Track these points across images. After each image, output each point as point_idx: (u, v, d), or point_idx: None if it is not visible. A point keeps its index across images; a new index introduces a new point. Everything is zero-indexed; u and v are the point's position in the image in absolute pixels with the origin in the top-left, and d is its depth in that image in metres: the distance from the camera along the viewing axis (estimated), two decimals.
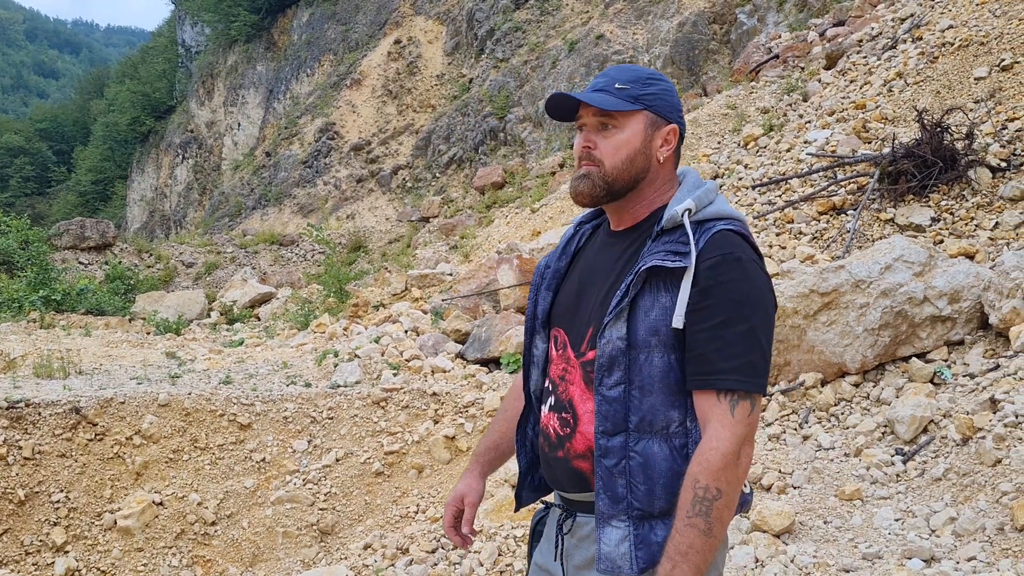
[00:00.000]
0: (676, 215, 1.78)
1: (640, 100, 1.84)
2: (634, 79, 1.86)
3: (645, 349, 1.75)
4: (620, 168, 1.85)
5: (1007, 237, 6.48)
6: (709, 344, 1.71)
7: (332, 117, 29.21)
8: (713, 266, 1.72)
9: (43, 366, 6.83)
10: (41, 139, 60.74)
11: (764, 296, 1.76)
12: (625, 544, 1.76)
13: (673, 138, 1.89)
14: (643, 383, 1.76)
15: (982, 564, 3.68)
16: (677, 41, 19.44)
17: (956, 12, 9.69)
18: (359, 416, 6.09)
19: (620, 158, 1.85)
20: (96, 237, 16.12)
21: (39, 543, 5.17)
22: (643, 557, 1.75)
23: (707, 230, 1.78)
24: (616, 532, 1.76)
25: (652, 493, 1.76)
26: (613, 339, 1.76)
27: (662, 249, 1.76)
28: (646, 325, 1.75)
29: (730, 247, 1.75)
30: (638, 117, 1.85)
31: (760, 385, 1.72)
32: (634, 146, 1.85)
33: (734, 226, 1.80)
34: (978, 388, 4.90)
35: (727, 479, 1.67)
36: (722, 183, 9.15)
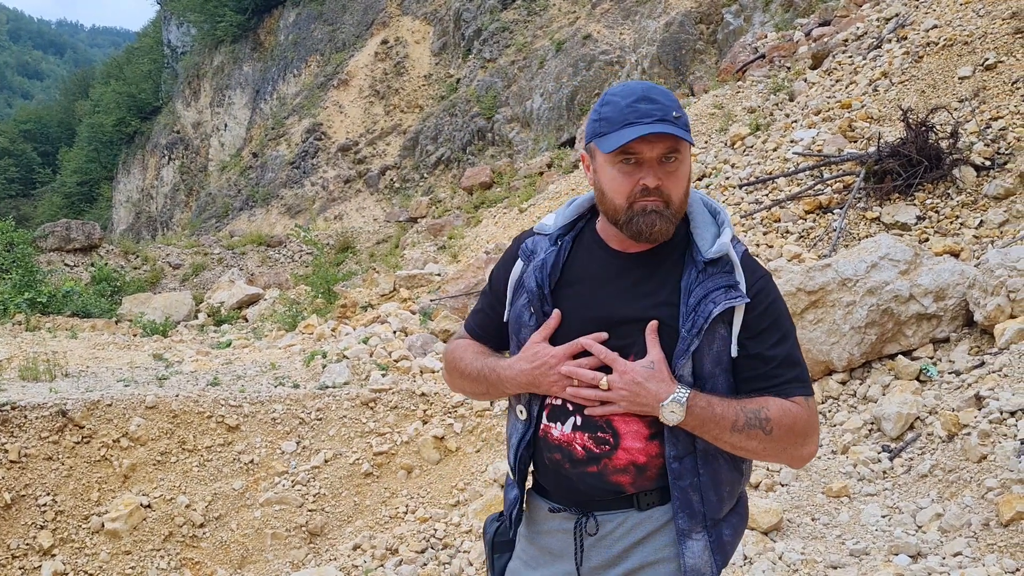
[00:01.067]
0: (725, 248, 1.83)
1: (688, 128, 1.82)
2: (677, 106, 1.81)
3: (711, 379, 1.84)
4: (683, 201, 1.85)
5: (991, 235, 6.53)
6: (774, 361, 1.84)
7: (319, 118, 29.14)
8: (760, 291, 1.85)
9: (29, 369, 6.79)
10: (25, 140, 60.29)
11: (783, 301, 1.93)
12: (707, 552, 1.88)
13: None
14: None
15: (968, 559, 3.71)
16: (664, 41, 19.48)
17: (940, 12, 9.75)
18: (348, 417, 6.08)
19: (683, 191, 1.84)
20: (82, 239, 16.03)
21: (26, 547, 5.14)
22: (719, 559, 1.89)
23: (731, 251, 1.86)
24: (697, 544, 1.87)
25: (722, 502, 1.90)
26: (685, 377, 1.82)
27: (719, 286, 1.81)
28: (711, 358, 1.83)
29: (760, 268, 1.89)
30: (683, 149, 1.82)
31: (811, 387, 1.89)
32: (688, 176, 1.85)
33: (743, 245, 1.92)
34: (963, 385, 4.94)
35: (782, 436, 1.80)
36: (709, 182, 9.18)
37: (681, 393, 1.77)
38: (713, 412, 1.78)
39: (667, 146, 1.78)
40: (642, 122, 1.76)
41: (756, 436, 1.79)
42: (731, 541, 1.93)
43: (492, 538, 2.10)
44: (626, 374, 1.79)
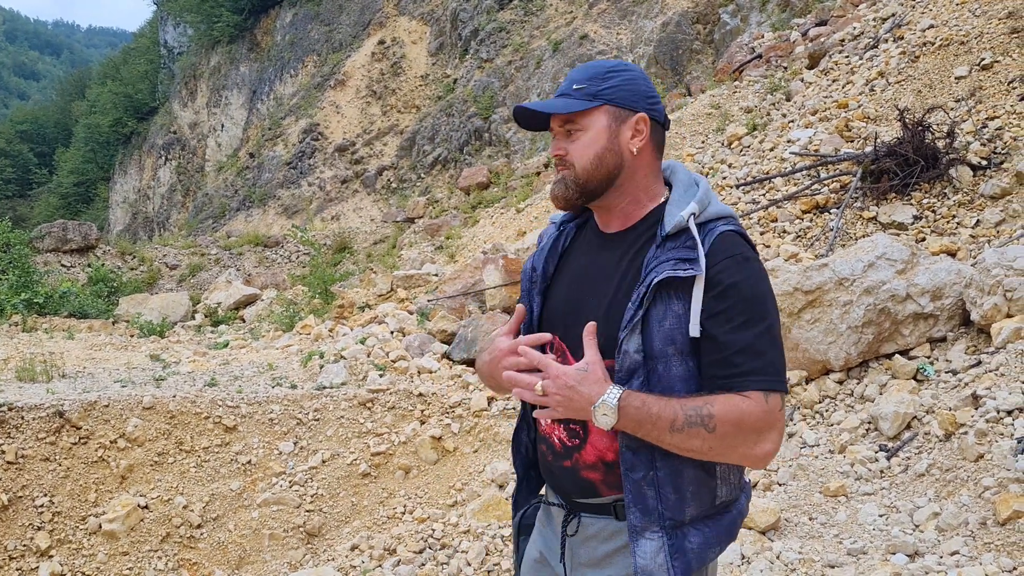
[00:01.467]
0: (682, 220, 1.75)
1: (599, 96, 1.80)
2: (592, 76, 1.81)
3: (663, 359, 1.73)
4: (590, 169, 1.81)
5: (988, 235, 6.54)
6: (732, 347, 1.69)
7: (316, 118, 29.12)
8: (724, 269, 1.71)
9: (26, 369, 6.78)
10: (22, 141, 60.16)
11: (771, 294, 1.76)
12: (661, 555, 1.75)
13: (644, 127, 1.82)
14: (664, 392, 1.73)
15: (965, 558, 3.71)
16: (661, 41, 19.50)
17: (937, 12, 9.77)
18: (345, 417, 6.08)
19: (588, 158, 1.80)
20: (78, 239, 16.00)
21: (23, 548, 5.13)
22: (679, 567, 1.75)
23: (710, 232, 1.76)
24: (651, 544, 1.76)
25: (683, 501, 1.76)
26: (630, 352, 1.73)
27: (671, 257, 1.73)
28: (661, 335, 1.73)
29: (737, 248, 1.75)
30: (598, 114, 1.80)
31: (784, 383, 1.72)
32: (600, 143, 1.80)
33: (733, 225, 1.79)
34: (960, 384, 4.95)
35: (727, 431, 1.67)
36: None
37: (611, 395, 1.68)
38: (649, 412, 1.67)
39: (561, 118, 1.82)
40: (539, 102, 1.83)
41: (698, 435, 1.65)
42: (698, 551, 1.78)
43: (518, 521, 2.10)
44: (558, 379, 1.71)
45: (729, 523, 1.84)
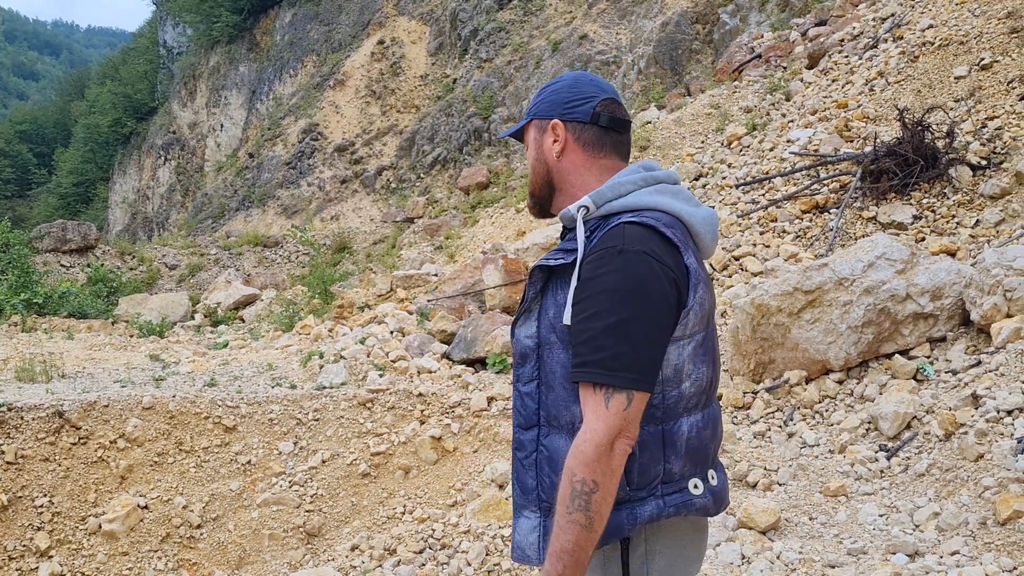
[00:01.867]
0: (569, 213, 1.83)
1: (529, 114, 1.97)
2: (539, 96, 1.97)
3: (547, 346, 1.78)
4: (533, 181, 1.98)
5: (988, 234, 6.55)
6: (581, 335, 1.70)
7: (315, 118, 29.11)
8: (591, 260, 1.72)
9: (25, 370, 6.77)
10: (21, 141, 60.12)
11: (640, 287, 1.68)
12: (534, 535, 1.81)
13: (560, 132, 1.90)
14: (547, 379, 1.79)
15: (965, 558, 3.71)
16: (660, 41, 19.50)
17: (936, 12, 9.77)
18: (345, 417, 6.08)
19: (531, 172, 1.98)
20: (78, 239, 15.99)
21: (23, 548, 5.13)
22: (547, 549, 1.74)
23: (608, 224, 1.77)
24: (528, 522, 1.83)
25: (557, 487, 1.74)
26: (522, 338, 1.84)
27: (558, 248, 1.81)
28: (546, 323, 1.79)
29: (616, 240, 1.72)
30: (529, 130, 1.97)
31: (631, 380, 1.66)
32: (533, 156, 1.96)
33: (639, 217, 1.75)
34: (960, 384, 4.95)
35: (601, 471, 1.64)
36: (706, 182, 9.18)
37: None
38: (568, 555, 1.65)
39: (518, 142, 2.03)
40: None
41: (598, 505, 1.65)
42: None
43: None
44: None
45: (615, 523, 1.74)
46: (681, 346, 1.75)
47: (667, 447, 1.78)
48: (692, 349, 1.77)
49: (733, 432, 5.30)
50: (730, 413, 5.61)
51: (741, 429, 5.40)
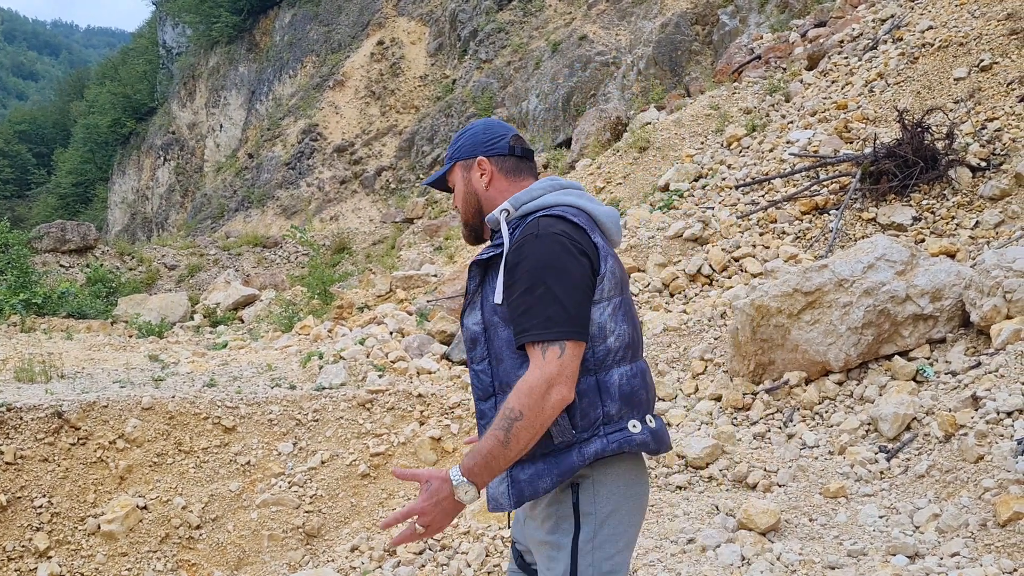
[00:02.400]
0: (494, 216, 2.18)
1: (451, 158, 2.31)
2: (451, 143, 2.33)
3: (492, 327, 2.13)
4: (464, 212, 2.31)
5: (987, 236, 6.55)
6: (518, 309, 2.04)
7: (315, 118, 29.10)
8: (514, 248, 2.08)
9: (24, 370, 6.77)
10: (20, 141, 60.05)
11: (557, 260, 2.04)
12: (503, 485, 2.13)
13: (486, 165, 2.27)
14: (497, 353, 2.13)
15: (965, 560, 3.71)
16: (660, 42, 19.51)
17: (936, 13, 9.78)
18: (344, 418, 6.07)
19: (461, 205, 2.31)
20: (77, 240, 15.99)
21: (22, 548, 5.12)
22: (514, 494, 2.10)
23: (526, 222, 2.13)
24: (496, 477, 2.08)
25: None
26: (470, 325, 2.19)
27: (489, 245, 2.20)
28: (488, 308, 2.14)
29: (532, 228, 2.09)
30: (455, 171, 2.31)
31: (563, 332, 2.01)
32: (462, 191, 2.30)
33: (553, 211, 2.13)
34: (960, 385, 4.95)
35: (528, 404, 1.97)
36: (706, 183, 9.19)
37: (455, 476, 2.01)
38: (480, 456, 2.00)
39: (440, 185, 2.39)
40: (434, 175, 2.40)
41: (517, 430, 1.97)
42: (529, 481, 2.08)
43: None
44: (421, 512, 2.03)
45: (567, 462, 2.08)
46: (601, 308, 2.10)
47: (603, 393, 2.11)
48: (611, 310, 2.12)
49: (733, 433, 5.30)
50: (730, 414, 5.61)
51: (741, 430, 5.40)
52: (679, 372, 6.19)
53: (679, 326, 6.61)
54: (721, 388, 5.79)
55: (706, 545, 4.20)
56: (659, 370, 6.24)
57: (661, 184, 9.76)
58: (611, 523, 2.11)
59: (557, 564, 2.09)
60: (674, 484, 4.96)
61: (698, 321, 6.59)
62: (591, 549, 2.08)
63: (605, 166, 11.49)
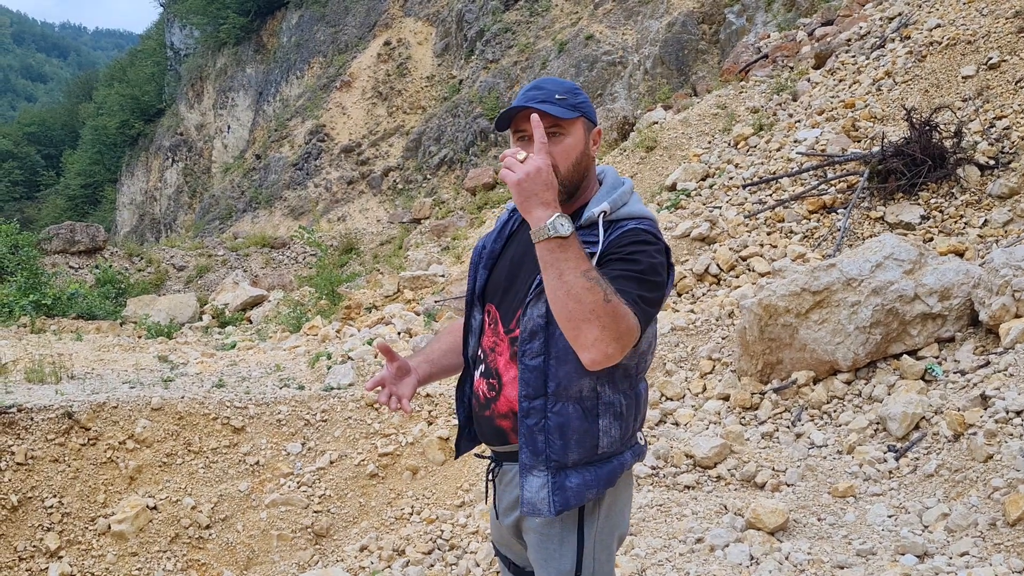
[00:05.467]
0: (593, 216, 2.05)
1: (577, 108, 2.08)
2: (567, 90, 2.09)
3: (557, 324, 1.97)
4: (572, 171, 2.09)
5: (996, 234, 6.53)
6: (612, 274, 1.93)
7: (322, 119, 29.16)
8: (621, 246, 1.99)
9: (35, 371, 6.80)
10: (29, 143, 60.32)
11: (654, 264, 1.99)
12: (544, 491, 2.05)
13: (599, 138, 2.17)
14: (559, 354, 2.02)
15: (975, 559, 3.71)
16: (666, 41, 19.48)
17: (943, 11, 9.75)
18: (353, 418, 6.09)
19: (571, 161, 2.08)
20: (86, 241, 16.05)
21: (33, 548, 5.15)
22: (559, 501, 2.05)
23: (619, 228, 2.04)
24: (536, 480, 2.06)
25: (567, 447, 2.05)
26: (533, 316, 2.04)
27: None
28: None
29: (633, 236, 2.02)
30: (578, 124, 2.09)
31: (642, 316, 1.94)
32: (580, 149, 2.10)
33: (644, 224, 2.06)
34: (969, 385, 4.94)
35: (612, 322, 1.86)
36: (713, 182, 9.18)
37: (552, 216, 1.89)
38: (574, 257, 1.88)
39: (547, 122, 2.02)
40: (526, 104, 2.05)
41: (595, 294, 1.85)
42: (576, 490, 2.05)
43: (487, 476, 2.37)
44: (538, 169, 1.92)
45: (609, 471, 2.11)
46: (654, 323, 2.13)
47: (639, 405, 2.16)
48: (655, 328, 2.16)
49: (741, 433, 5.30)
50: (738, 414, 5.60)
51: (749, 430, 5.40)
52: (687, 372, 6.19)
53: (687, 325, 6.61)
54: (729, 388, 5.78)
55: (714, 545, 4.20)
56: (667, 370, 6.24)
57: (668, 184, 9.75)
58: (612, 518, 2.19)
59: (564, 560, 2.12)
60: (682, 484, 4.96)
61: (706, 320, 6.59)
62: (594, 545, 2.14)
63: (612, 166, 11.49)
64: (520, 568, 2.34)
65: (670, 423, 5.66)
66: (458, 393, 2.35)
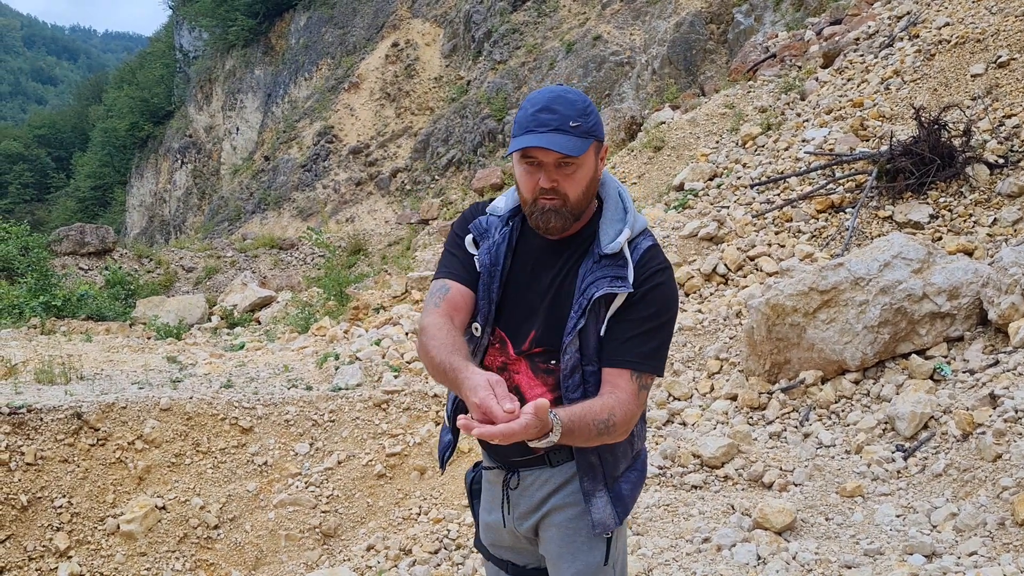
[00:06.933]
0: (618, 246, 2.03)
1: (590, 133, 1.99)
2: (579, 112, 1.98)
3: (594, 357, 2.05)
4: (582, 198, 2.05)
5: (1005, 233, 6.50)
6: (632, 334, 2.02)
7: (330, 121, 29.22)
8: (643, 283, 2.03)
9: (44, 372, 6.83)
10: (40, 145, 60.66)
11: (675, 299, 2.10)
12: (608, 507, 2.14)
13: (606, 154, 2.11)
14: (595, 381, 2.06)
15: (983, 559, 3.69)
16: (674, 41, 19.46)
17: (952, 10, 9.71)
18: (360, 419, 6.10)
19: (582, 190, 2.03)
20: (96, 243, 16.11)
21: (42, 548, 5.18)
22: (620, 511, 2.17)
23: (636, 248, 2.07)
24: (600, 501, 2.14)
25: (618, 462, 2.18)
26: (572, 353, 2.05)
27: (607, 275, 2.02)
28: (594, 338, 2.05)
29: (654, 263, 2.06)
30: (590, 151, 2.01)
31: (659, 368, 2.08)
32: (590, 176, 2.04)
33: (650, 240, 2.10)
34: (978, 384, 4.92)
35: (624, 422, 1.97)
36: (721, 182, 9.16)
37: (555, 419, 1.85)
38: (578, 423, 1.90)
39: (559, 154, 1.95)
40: (538, 131, 1.95)
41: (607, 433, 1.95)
42: (630, 494, 2.19)
43: (470, 485, 2.46)
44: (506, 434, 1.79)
45: (642, 465, 2.27)
46: None
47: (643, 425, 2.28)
48: None
49: (749, 433, 5.28)
50: (745, 414, 5.59)
51: (757, 430, 5.39)
52: (694, 371, 6.18)
53: (694, 325, 6.60)
54: (737, 387, 5.77)
55: (721, 544, 4.20)
56: (675, 370, 6.23)
57: (676, 183, 9.74)
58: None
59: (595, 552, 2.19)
60: (689, 483, 4.95)
61: (713, 320, 6.58)
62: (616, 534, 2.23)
63: (620, 166, 11.48)
64: (521, 568, 2.35)
65: (677, 423, 5.65)
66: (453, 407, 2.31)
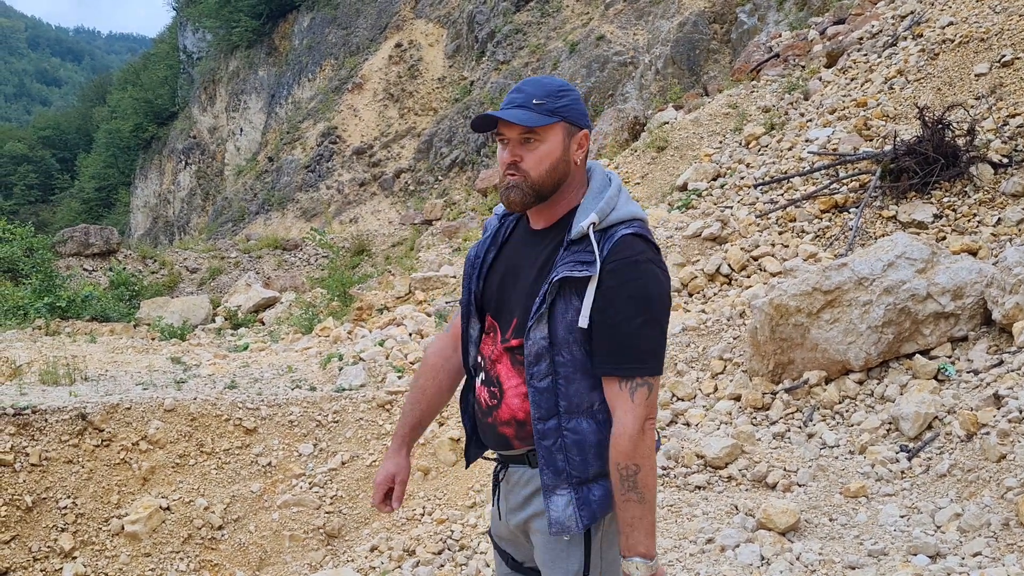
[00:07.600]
0: (582, 229, 2.01)
1: (556, 112, 2.04)
2: (548, 93, 2.05)
3: (565, 345, 2.02)
4: (544, 176, 2.06)
5: (1010, 233, 6.49)
6: (612, 338, 1.99)
7: (334, 121, 29.25)
8: (613, 270, 1.98)
9: (49, 373, 6.85)
10: (44, 147, 60.82)
11: (658, 292, 2.02)
12: (570, 508, 2.06)
13: (586, 142, 2.11)
14: (567, 373, 2.04)
15: (987, 560, 3.68)
16: (678, 41, 19.44)
17: (956, 9, 9.69)
18: (364, 419, 6.11)
19: (544, 168, 2.05)
20: (100, 244, 16.14)
21: (47, 549, 5.19)
22: (585, 516, 2.07)
23: (610, 237, 2.02)
24: (561, 499, 2.07)
25: (586, 462, 2.07)
26: (537, 339, 2.04)
27: (571, 259, 2.01)
28: (564, 325, 2.02)
29: (628, 252, 2.00)
30: (556, 129, 2.05)
31: (654, 368, 2.02)
32: (556, 155, 2.06)
33: (634, 228, 2.04)
34: (982, 384, 4.91)
35: (640, 454, 1.98)
36: (724, 182, 9.15)
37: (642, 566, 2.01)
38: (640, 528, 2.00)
39: (521, 128, 2.03)
40: (504, 108, 2.06)
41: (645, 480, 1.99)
42: (601, 502, 2.07)
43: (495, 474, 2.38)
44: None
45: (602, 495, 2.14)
46: None
47: None
48: None
49: (752, 433, 5.28)
50: (749, 414, 5.59)
51: (760, 430, 5.38)
52: (698, 372, 6.18)
53: (698, 326, 6.60)
54: (740, 388, 5.77)
55: (725, 545, 4.19)
56: (678, 370, 6.23)
57: (679, 184, 9.73)
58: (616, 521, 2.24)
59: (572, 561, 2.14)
60: (693, 484, 4.95)
61: (717, 321, 6.57)
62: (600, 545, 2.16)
63: (623, 166, 11.48)
64: (518, 563, 2.35)
65: (681, 423, 5.65)
66: (462, 403, 2.35)
